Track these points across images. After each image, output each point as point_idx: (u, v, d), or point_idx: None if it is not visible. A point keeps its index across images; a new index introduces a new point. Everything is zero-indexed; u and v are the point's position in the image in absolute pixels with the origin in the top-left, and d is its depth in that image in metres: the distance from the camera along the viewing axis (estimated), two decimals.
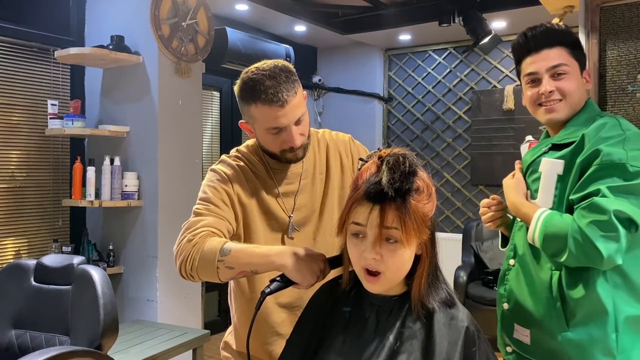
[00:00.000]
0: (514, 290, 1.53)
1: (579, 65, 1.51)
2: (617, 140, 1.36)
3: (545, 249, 1.40)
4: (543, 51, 1.50)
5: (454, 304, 1.19)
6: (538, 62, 1.50)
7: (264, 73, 1.43)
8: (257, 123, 1.47)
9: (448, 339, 1.13)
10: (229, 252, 1.32)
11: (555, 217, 1.38)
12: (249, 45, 4.33)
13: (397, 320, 1.18)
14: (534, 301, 1.47)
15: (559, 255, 1.35)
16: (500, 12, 4.45)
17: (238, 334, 1.62)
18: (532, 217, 1.41)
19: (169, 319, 3.38)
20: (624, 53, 2.27)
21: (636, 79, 2.25)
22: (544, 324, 1.44)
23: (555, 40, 1.50)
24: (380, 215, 1.10)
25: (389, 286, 1.17)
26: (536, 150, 1.54)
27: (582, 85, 1.52)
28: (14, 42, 3.29)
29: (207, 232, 1.39)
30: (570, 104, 1.49)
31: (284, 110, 1.42)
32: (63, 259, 2.29)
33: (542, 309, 1.44)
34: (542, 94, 1.49)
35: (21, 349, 2.19)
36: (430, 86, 5.54)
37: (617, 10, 2.27)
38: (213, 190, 1.48)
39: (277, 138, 1.46)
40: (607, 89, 2.30)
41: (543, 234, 1.37)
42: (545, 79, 1.49)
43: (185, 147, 3.55)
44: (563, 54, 1.49)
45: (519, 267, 1.53)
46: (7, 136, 3.28)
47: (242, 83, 1.47)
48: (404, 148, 1.17)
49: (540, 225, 1.38)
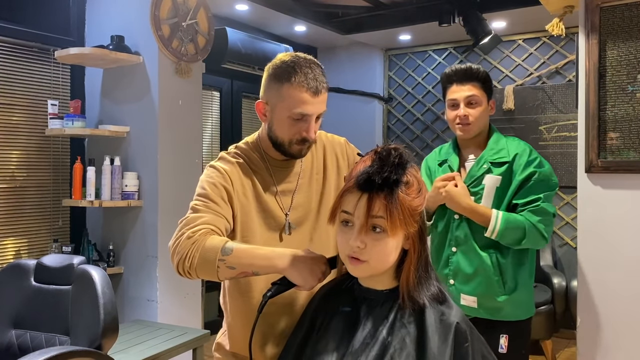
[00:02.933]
0: (460, 270, 2.07)
1: (487, 96, 2.10)
2: (539, 161, 2.03)
3: (502, 237, 1.97)
4: (464, 84, 2.08)
5: (444, 300, 1.21)
6: (458, 92, 2.08)
7: (304, 60, 1.47)
8: (283, 104, 1.46)
9: (439, 334, 1.14)
10: (231, 252, 1.31)
11: (509, 216, 1.97)
12: (249, 45, 4.33)
13: (389, 314, 1.19)
14: (479, 276, 2.03)
15: (516, 242, 1.97)
16: (500, 12, 4.45)
17: (232, 335, 1.60)
18: (491, 216, 1.97)
19: (169, 319, 3.38)
20: (624, 53, 2.26)
21: (636, 79, 2.25)
22: (487, 291, 2.02)
23: (472, 77, 2.07)
24: (367, 204, 1.14)
25: (372, 273, 1.19)
26: (477, 168, 2.08)
27: (487, 112, 2.11)
28: (14, 42, 3.29)
29: (206, 230, 1.37)
30: (477, 126, 2.08)
31: (316, 99, 1.45)
32: (63, 259, 2.29)
33: (485, 281, 2.02)
34: (458, 116, 2.07)
35: (21, 349, 2.19)
36: (430, 86, 5.54)
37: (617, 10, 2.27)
38: (212, 186, 1.47)
39: (295, 125, 1.47)
40: (607, 89, 2.30)
41: (504, 228, 1.95)
42: (462, 105, 2.07)
43: (185, 147, 3.55)
44: (477, 87, 2.07)
45: (461, 253, 2.07)
46: (7, 136, 3.28)
47: (281, 62, 1.48)
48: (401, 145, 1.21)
49: (501, 222, 1.96)
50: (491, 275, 2.01)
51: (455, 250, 2.08)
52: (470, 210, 2.01)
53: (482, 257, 2.02)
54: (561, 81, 4.86)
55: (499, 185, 2.03)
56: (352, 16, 4.87)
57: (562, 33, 2.45)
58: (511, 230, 1.96)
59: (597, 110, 2.31)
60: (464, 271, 2.06)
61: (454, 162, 2.16)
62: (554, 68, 4.88)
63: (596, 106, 2.31)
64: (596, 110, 2.31)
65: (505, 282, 2.02)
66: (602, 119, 2.30)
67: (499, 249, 2.02)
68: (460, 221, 2.07)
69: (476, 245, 2.04)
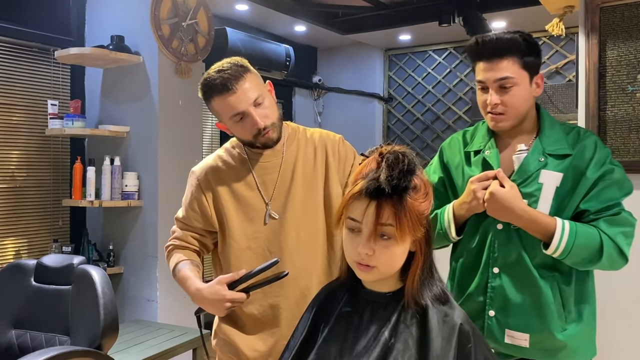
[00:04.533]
0: (506, 298, 1.55)
1: (528, 74, 1.53)
2: (610, 157, 1.54)
3: (570, 256, 1.46)
4: (493, 61, 1.51)
5: (447, 300, 1.20)
6: (487, 71, 1.52)
7: (213, 72, 1.57)
8: (222, 117, 1.60)
9: (442, 335, 1.14)
10: (177, 274, 1.63)
11: (579, 227, 1.47)
12: (249, 45, 4.33)
13: (392, 316, 1.18)
14: (534, 307, 1.52)
15: (586, 262, 1.48)
16: (500, 12, 4.45)
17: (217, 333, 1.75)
18: (554, 227, 1.46)
19: (169, 319, 3.38)
20: (624, 53, 2.27)
21: (636, 79, 2.25)
22: (545, 326, 1.52)
23: (505, 51, 1.50)
24: (376, 212, 1.12)
25: (381, 277, 1.19)
26: (532, 161, 1.54)
27: (529, 95, 1.55)
28: (14, 42, 3.29)
29: (172, 247, 1.69)
30: (514, 116, 1.54)
31: (236, 96, 1.54)
32: (63, 259, 2.29)
33: (542, 313, 1.51)
34: (488, 104, 1.54)
35: (21, 349, 2.19)
36: (430, 86, 5.54)
37: (617, 10, 2.27)
38: (189, 196, 1.69)
39: (243, 125, 1.57)
40: (607, 89, 2.30)
41: (573, 243, 1.44)
42: (492, 90, 1.53)
43: (185, 147, 3.55)
44: (512, 65, 1.50)
45: (507, 276, 1.55)
46: (7, 136, 3.28)
47: (200, 87, 1.60)
48: (404, 146, 1.19)
49: (569, 235, 1.45)
50: (550, 306, 1.51)
51: (498, 271, 1.56)
52: (527, 219, 1.48)
53: (537, 282, 1.52)
54: (561, 81, 4.86)
55: (559, 186, 1.52)
56: (352, 16, 4.87)
57: (562, 33, 2.45)
58: (582, 247, 1.46)
59: (597, 110, 2.31)
60: (512, 300, 1.54)
61: (492, 155, 1.60)
62: (554, 68, 4.88)
63: (596, 106, 2.31)
64: (596, 110, 2.31)
65: (567, 314, 1.53)
66: (602, 119, 2.30)
67: (559, 270, 1.53)
68: (506, 233, 1.55)
69: (531, 265, 1.53)
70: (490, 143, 1.61)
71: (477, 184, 1.52)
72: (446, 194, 1.70)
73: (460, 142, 1.69)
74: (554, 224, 1.46)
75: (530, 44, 1.52)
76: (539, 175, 1.52)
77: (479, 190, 1.51)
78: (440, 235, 1.63)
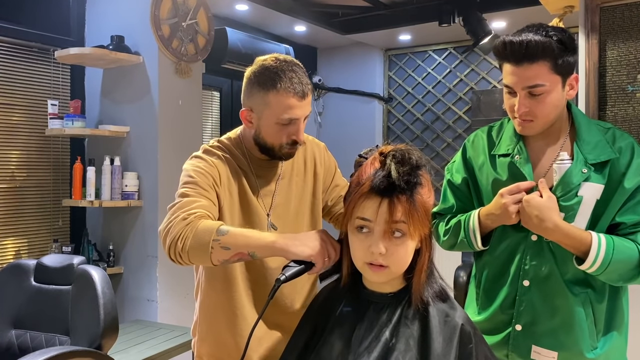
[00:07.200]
0: (535, 313, 1.49)
1: (561, 78, 1.41)
2: None
3: (606, 273, 1.38)
4: (522, 65, 1.39)
5: (447, 297, 1.21)
6: (515, 75, 1.41)
7: (287, 63, 1.44)
8: (269, 111, 1.45)
9: (443, 335, 1.14)
10: (227, 233, 1.28)
11: (615, 241, 1.39)
12: (249, 45, 4.33)
13: (393, 316, 1.18)
14: (564, 324, 1.46)
15: (622, 279, 1.41)
16: (500, 12, 4.45)
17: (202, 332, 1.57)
18: (590, 242, 1.38)
19: (169, 319, 3.38)
20: (624, 53, 2.27)
21: (636, 79, 2.25)
22: (575, 345, 1.46)
23: (536, 55, 1.38)
24: (389, 209, 1.11)
25: (392, 277, 1.18)
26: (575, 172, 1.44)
27: (561, 100, 1.44)
28: (14, 42, 3.28)
29: (202, 213, 1.35)
30: (543, 123, 1.45)
31: (303, 103, 1.44)
32: (63, 259, 2.29)
33: (573, 330, 1.45)
34: (515, 110, 1.44)
35: (21, 349, 2.19)
36: (430, 86, 5.54)
37: (617, 10, 2.27)
38: (200, 175, 1.43)
39: (283, 130, 1.46)
40: (607, 89, 2.30)
41: (610, 259, 1.37)
42: (520, 96, 1.42)
43: (185, 147, 3.54)
44: (543, 70, 1.38)
45: (538, 290, 1.48)
46: (7, 136, 3.27)
47: (263, 69, 1.45)
48: (405, 144, 1.19)
49: (605, 250, 1.37)
50: (581, 324, 1.45)
51: (529, 285, 1.49)
52: (562, 233, 1.39)
53: (569, 299, 1.45)
54: None
55: (599, 199, 1.43)
56: (352, 16, 4.87)
57: None
58: (619, 263, 1.38)
59: (597, 110, 2.31)
60: (541, 316, 1.48)
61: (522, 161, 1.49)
62: None
63: (596, 106, 2.31)
64: (596, 110, 2.31)
65: (599, 332, 1.47)
66: (602, 119, 2.30)
67: (592, 287, 1.47)
68: (539, 245, 1.48)
69: (563, 280, 1.46)
70: (519, 147, 1.50)
71: (508, 197, 1.43)
72: (469, 194, 1.62)
73: (484, 140, 1.59)
74: (589, 238, 1.38)
75: (565, 44, 1.39)
76: (580, 188, 1.42)
77: (510, 204, 1.42)
78: (464, 243, 1.56)
